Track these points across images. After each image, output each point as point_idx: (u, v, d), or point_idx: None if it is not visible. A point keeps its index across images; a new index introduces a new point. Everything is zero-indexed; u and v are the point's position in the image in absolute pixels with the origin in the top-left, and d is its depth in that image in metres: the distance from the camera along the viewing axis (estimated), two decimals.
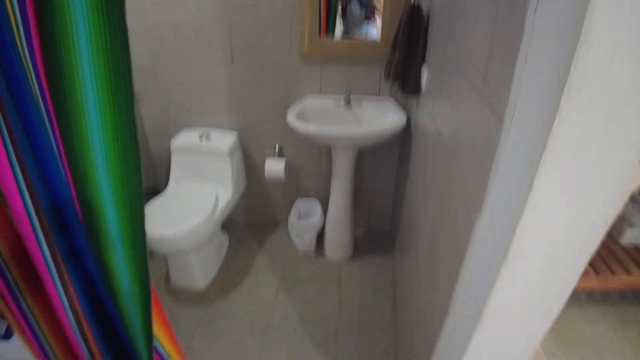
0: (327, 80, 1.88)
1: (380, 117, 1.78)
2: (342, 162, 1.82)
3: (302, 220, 2.03)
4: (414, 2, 1.45)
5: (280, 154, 2.08)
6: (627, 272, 1.67)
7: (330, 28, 1.85)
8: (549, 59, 0.47)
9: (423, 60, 1.47)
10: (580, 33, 0.40)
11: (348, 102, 1.82)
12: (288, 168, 2.07)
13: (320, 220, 2.02)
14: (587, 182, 0.49)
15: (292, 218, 1.99)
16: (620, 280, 1.66)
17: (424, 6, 1.45)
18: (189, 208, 1.81)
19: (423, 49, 1.46)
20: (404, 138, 1.88)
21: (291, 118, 1.69)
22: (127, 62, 0.52)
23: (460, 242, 0.78)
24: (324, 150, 2.07)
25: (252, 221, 2.39)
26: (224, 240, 2.19)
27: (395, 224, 2.06)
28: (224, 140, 1.95)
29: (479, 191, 0.69)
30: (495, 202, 0.63)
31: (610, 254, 1.75)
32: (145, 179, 2.19)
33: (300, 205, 2.11)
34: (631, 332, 1.67)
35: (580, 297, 1.83)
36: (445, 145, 1.03)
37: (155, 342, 0.84)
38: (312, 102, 1.86)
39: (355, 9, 1.83)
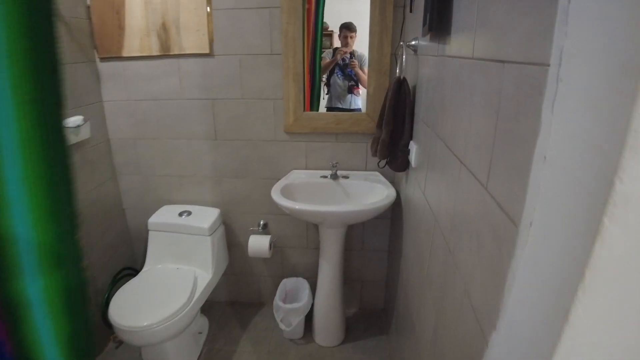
0: (313, 154, 1.83)
1: (369, 192, 1.70)
2: (330, 239, 1.71)
3: (289, 303, 1.87)
4: (400, 76, 1.44)
5: (265, 229, 1.97)
6: None
7: (314, 101, 1.84)
8: (577, 162, 0.39)
9: (411, 136, 1.43)
10: (627, 132, 0.31)
11: (335, 176, 1.76)
12: (273, 245, 1.95)
13: (308, 303, 1.86)
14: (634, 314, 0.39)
15: (278, 301, 1.82)
16: None
17: (410, 79, 1.44)
18: (164, 294, 1.65)
19: (410, 124, 1.43)
20: (395, 211, 1.80)
21: (276, 195, 1.60)
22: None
23: (473, 358, 0.66)
24: (311, 226, 1.96)
25: (235, 301, 2.20)
26: (203, 324, 2.00)
27: (390, 302, 1.91)
28: (205, 218, 1.84)
29: (492, 302, 0.59)
30: (515, 323, 0.52)
31: None
32: (122, 259, 2.02)
33: (287, 285, 1.96)
34: None
35: None
36: (443, 233, 0.93)
37: None
38: (298, 177, 1.79)
39: (339, 80, 1.84)
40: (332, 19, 1.77)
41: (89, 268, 1.84)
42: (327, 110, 1.85)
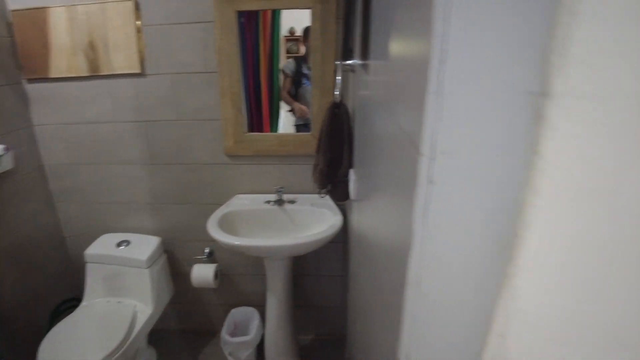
0: (258, 178, 1.71)
1: (315, 219, 1.59)
2: (275, 269, 1.60)
3: (238, 335, 1.76)
4: (336, 99, 1.32)
5: (211, 257, 1.86)
6: None
7: (274, 120, 1.73)
8: None
9: (351, 164, 1.32)
10: None
11: (280, 202, 1.64)
12: (219, 273, 1.84)
13: (257, 335, 1.75)
14: None
15: (224, 335, 1.71)
16: None
17: (350, 103, 1.32)
18: (100, 332, 1.54)
19: (349, 152, 1.31)
20: (346, 236, 1.69)
21: (213, 228, 1.48)
22: None
23: None
24: None
25: (185, 329, 2.09)
26: (150, 356, 1.89)
27: (348, 327, 1.80)
28: (144, 248, 1.72)
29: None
30: None
31: None
32: (65, 290, 1.90)
33: (235, 316, 1.85)
34: None
35: None
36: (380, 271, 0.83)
37: None
38: (240, 204, 1.67)
39: (310, 89, 1.71)
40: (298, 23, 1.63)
41: (28, 302, 1.72)
42: (296, 130, 1.74)
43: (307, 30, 1.58)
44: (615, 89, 0.29)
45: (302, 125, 1.74)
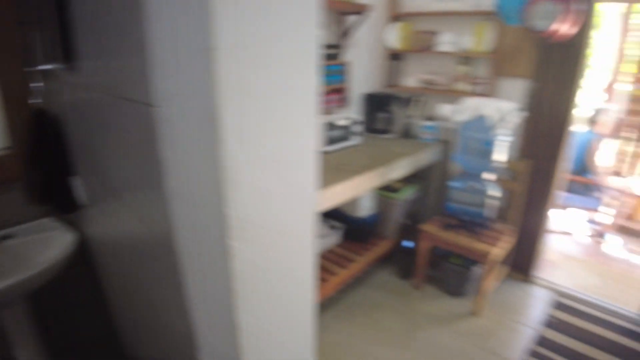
0: None
1: (42, 248, 1.38)
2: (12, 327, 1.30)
3: None
4: (38, 107, 1.20)
5: None
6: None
7: None
8: None
9: (69, 172, 1.22)
10: None
11: None
12: None
13: None
14: None
15: None
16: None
17: (55, 109, 1.22)
18: None
19: (64, 159, 1.22)
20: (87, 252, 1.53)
21: None
22: None
23: None
24: None
25: None
26: None
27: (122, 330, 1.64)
28: None
29: None
30: None
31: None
32: None
33: None
34: None
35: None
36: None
37: None
38: None
39: None
40: None
41: None
42: None
43: None
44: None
45: None
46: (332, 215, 2.31)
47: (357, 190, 1.80)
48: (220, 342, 0.66)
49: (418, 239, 2.17)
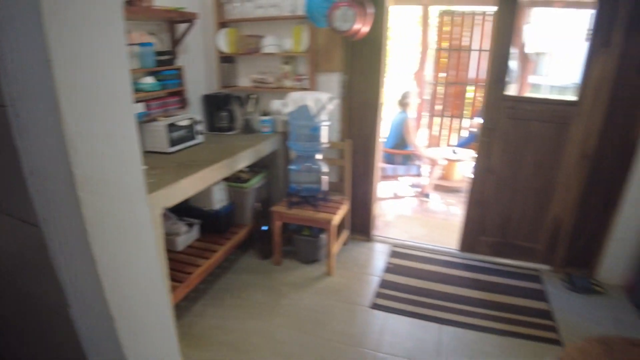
0: None
1: None
2: None
3: None
4: None
5: None
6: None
7: None
8: None
9: None
10: None
11: None
12: None
13: None
14: None
15: None
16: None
17: None
18: None
19: None
20: None
21: None
22: None
23: None
24: None
25: None
26: None
27: None
28: None
29: None
30: None
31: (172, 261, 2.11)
32: None
33: None
34: None
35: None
36: None
37: None
38: None
39: None
40: None
41: None
42: None
43: None
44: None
45: None
46: (188, 213, 2.42)
47: (206, 182, 1.96)
48: (83, 279, 0.91)
49: (271, 220, 2.44)
